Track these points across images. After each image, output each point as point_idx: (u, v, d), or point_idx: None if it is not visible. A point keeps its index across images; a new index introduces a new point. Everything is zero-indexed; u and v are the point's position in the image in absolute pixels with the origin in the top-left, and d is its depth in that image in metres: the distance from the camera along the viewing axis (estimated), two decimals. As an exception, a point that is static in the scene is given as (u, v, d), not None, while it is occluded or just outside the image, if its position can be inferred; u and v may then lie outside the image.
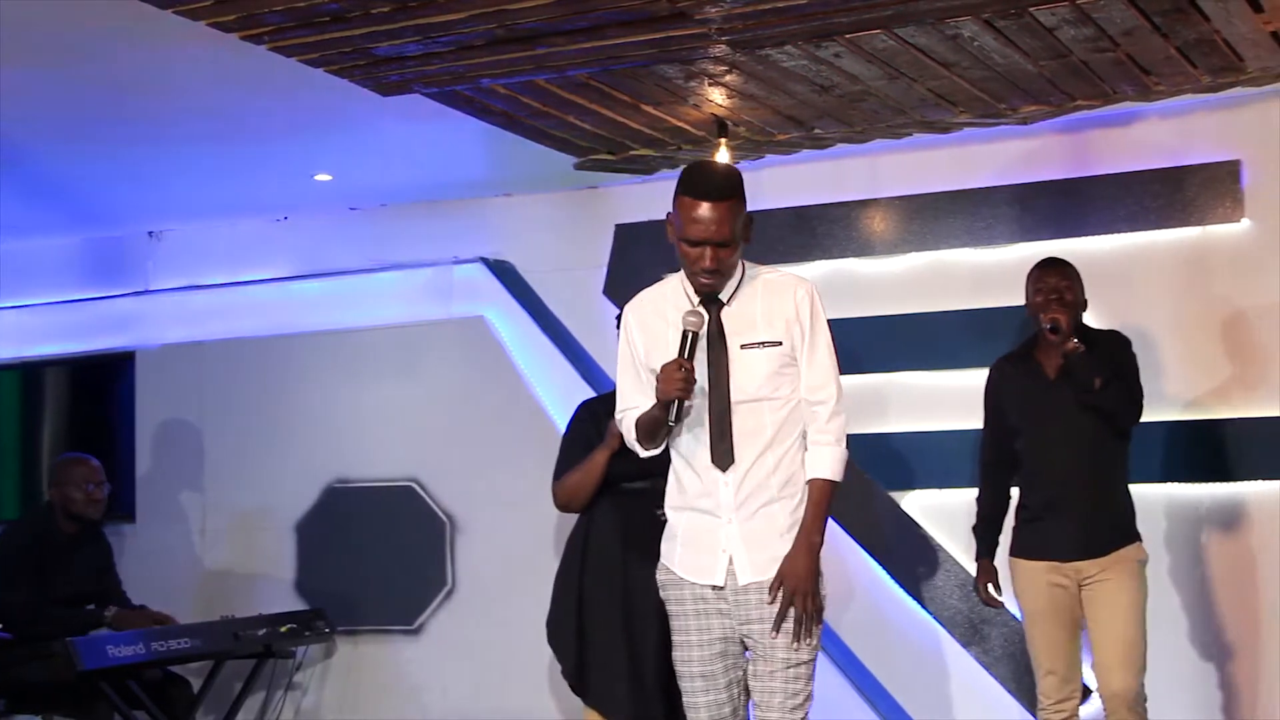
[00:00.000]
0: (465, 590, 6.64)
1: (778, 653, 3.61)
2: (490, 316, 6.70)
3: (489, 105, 5.36)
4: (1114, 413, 4.68)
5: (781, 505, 3.64)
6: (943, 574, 5.88)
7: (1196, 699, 5.47)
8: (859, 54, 4.84)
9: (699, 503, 3.68)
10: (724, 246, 3.58)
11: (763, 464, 3.63)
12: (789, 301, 3.68)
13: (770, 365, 3.64)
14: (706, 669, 3.70)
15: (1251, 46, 4.87)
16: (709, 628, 3.69)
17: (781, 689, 3.61)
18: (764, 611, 3.63)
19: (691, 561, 3.69)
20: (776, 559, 3.62)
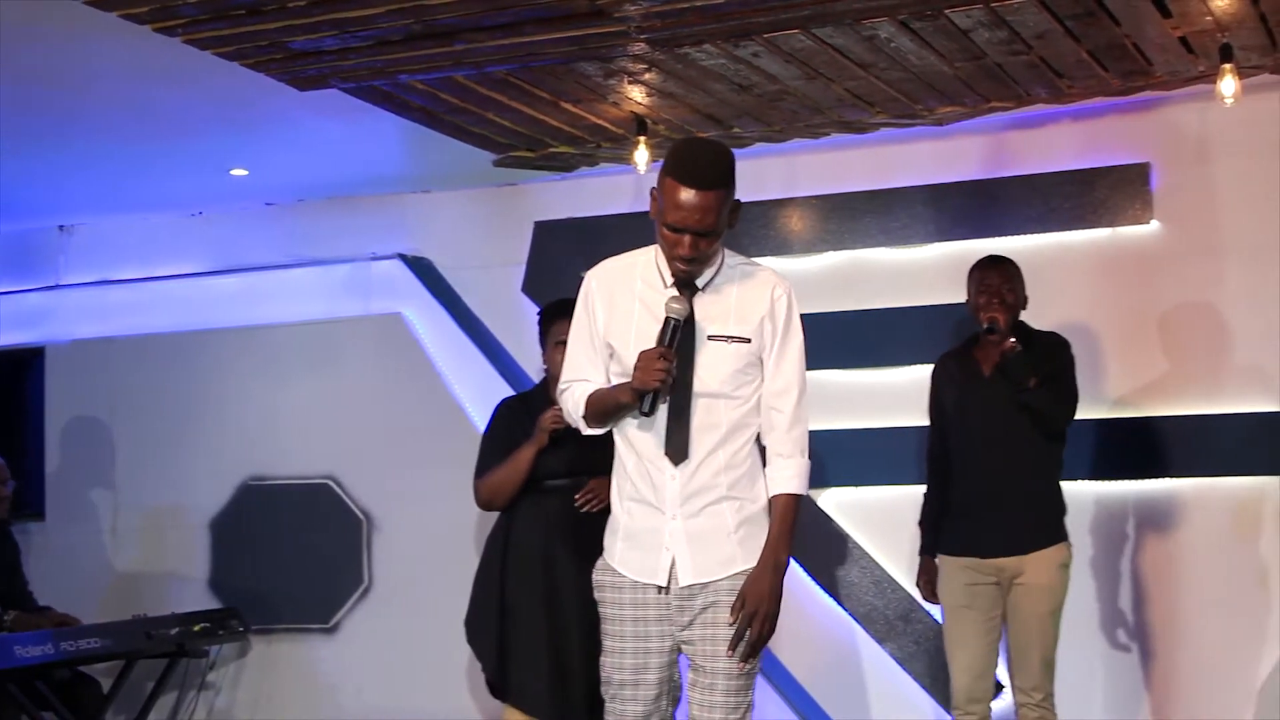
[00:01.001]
0: (382, 589, 6.60)
1: (720, 663, 3.48)
2: (408, 314, 6.66)
3: (407, 101, 5.33)
4: (1046, 413, 4.72)
5: (730, 505, 3.50)
6: (858, 571, 5.92)
7: (1119, 694, 5.56)
8: (777, 54, 4.87)
9: (644, 495, 3.52)
10: (706, 236, 3.39)
11: (713, 460, 3.48)
12: (765, 299, 3.53)
13: (736, 362, 3.49)
14: (639, 677, 3.56)
15: (1160, 51, 4.96)
16: (647, 635, 3.54)
17: (723, 702, 3.48)
18: (707, 618, 3.49)
19: (634, 559, 3.55)
20: (721, 561, 3.49)
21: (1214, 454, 5.45)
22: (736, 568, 3.50)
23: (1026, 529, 4.73)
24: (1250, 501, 5.43)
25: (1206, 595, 5.46)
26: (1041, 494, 4.79)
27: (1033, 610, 4.70)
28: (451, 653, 5.63)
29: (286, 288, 6.89)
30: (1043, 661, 4.70)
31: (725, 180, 3.40)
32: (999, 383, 4.77)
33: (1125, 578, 5.59)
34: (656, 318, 3.45)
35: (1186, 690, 5.47)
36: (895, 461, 5.77)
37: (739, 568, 3.50)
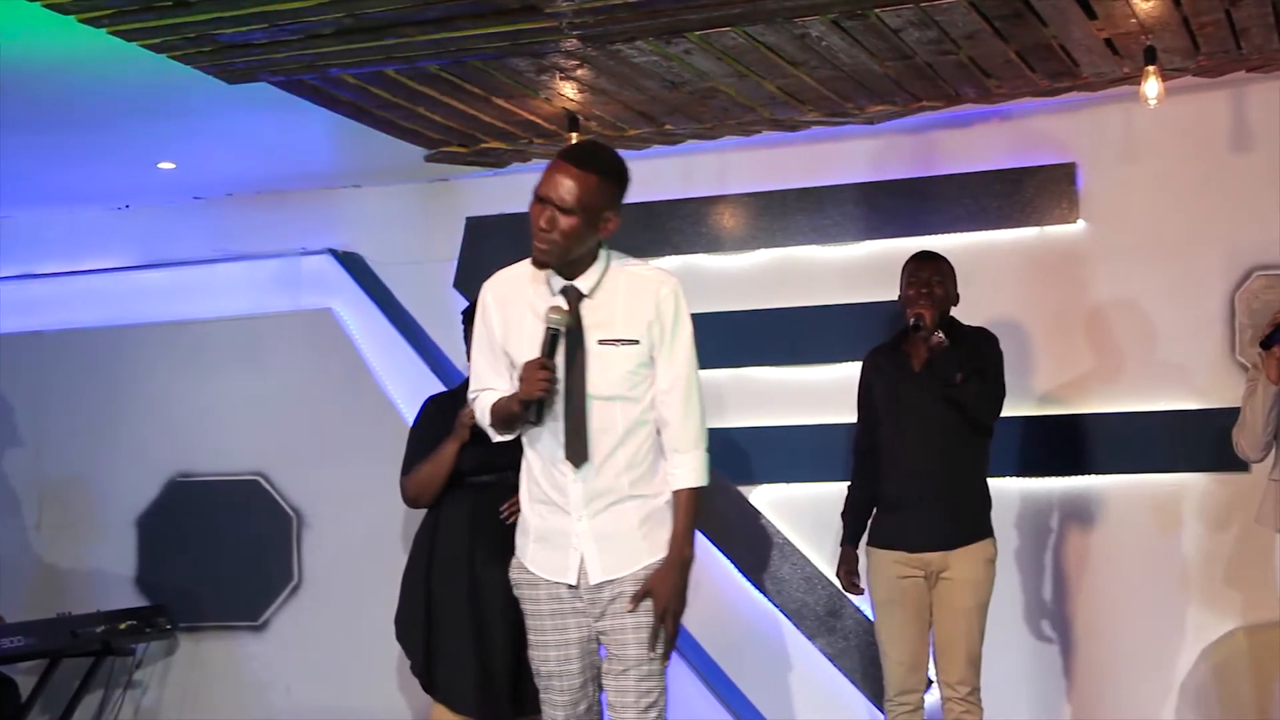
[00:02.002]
0: (312, 585, 6.56)
1: (629, 651, 3.60)
2: (338, 309, 6.63)
3: (337, 95, 5.30)
4: (972, 408, 4.75)
5: (633, 504, 3.60)
6: (789, 567, 5.96)
7: (1042, 687, 5.62)
8: (709, 51, 4.88)
9: (551, 497, 3.62)
10: (563, 212, 3.45)
11: (614, 462, 3.58)
12: (651, 300, 3.59)
13: (627, 364, 3.56)
14: (563, 668, 3.67)
15: (1086, 52, 5.01)
16: (565, 627, 3.65)
17: (635, 688, 3.59)
18: (615, 609, 3.60)
19: (544, 559, 3.64)
20: (628, 557, 3.59)
21: (1137, 451, 5.53)
22: (643, 563, 3.61)
23: (953, 524, 4.77)
24: (1171, 498, 5.51)
25: (1128, 591, 5.53)
26: (968, 489, 4.83)
27: (958, 605, 4.74)
28: (382, 650, 5.61)
29: (215, 282, 6.83)
30: (968, 656, 4.74)
31: (598, 168, 3.50)
32: (928, 378, 4.80)
33: (1049, 573, 5.66)
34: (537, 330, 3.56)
35: (1109, 684, 5.55)
36: (826, 458, 5.80)
37: (645, 562, 3.61)
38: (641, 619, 3.59)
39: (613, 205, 3.55)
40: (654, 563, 3.61)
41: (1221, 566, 5.42)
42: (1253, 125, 5.47)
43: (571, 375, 3.55)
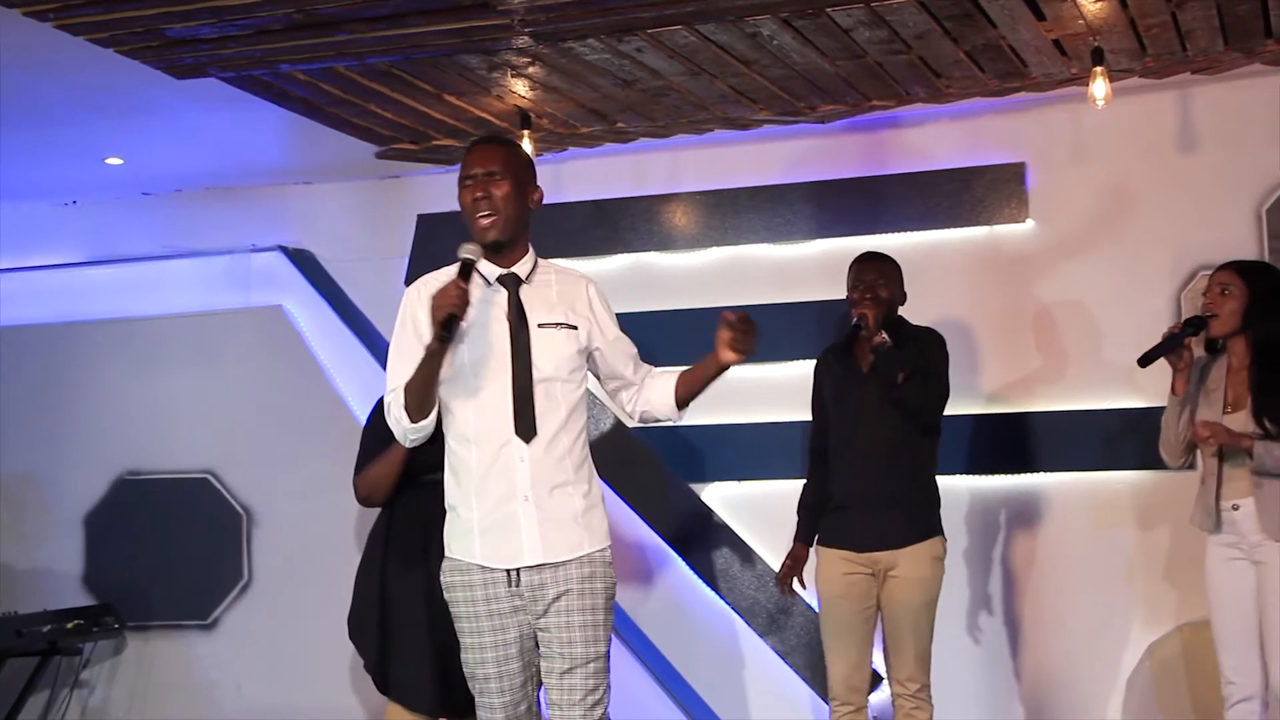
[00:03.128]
0: (262, 584, 6.53)
1: (576, 650, 3.60)
2: (289, 306, 6.60)
3: (288, 91, 5.27)
4: (914, 407, 4.78)
5: (575, 489, 3.66)
6: (741, 565, 5.97)
7: (991, 684, 5.66)
8: (661, 49, 4.89)
9: (493, 482, 3.62)
10: (494, 177, 3.64)
11: (558, 444, 3.65)
12: (581, 293, 3.78)
13: (567, 346, 3.69)
14: (504, 669, 3.66)
15: (1035, 53, 5.05)
16: (505, 627, 3.65)
17: (582, 685, 3.60)
18: (560, 606, 3.61)
19: (493, 548, 3.63)
20: (570, 544, 3.62)
21: (1084, 449, 5.58)
22: (584, 550, 3.66)
23: (901, 523, 4.79)
24: (1118, 496, 5.56)
25: (1076, 588, 5.58)
26: (917, 488, 4.86)
27: (907, 603, 4.76)
28: (333, 649, 5.59)
29: (164, 279, 6.78)
30: (918, 653, 4.77)
31: (513, 143, 3.84)
32: (876, 379, 4.83)
33: (998, 571, 5.70)
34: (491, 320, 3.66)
35: (1057, 679, 5.59)
36: (778, 456, 5.82)
37: (585, 550, 3.66)
38: (588, 617, 3.60)
39: (534, 178, 3.76)
40: (594, 552, 3.66)
41: (1168, 564, 5.47)
42: (1198, 126, 5.53)
43: (517, 355, 3.64)
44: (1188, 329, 4.60)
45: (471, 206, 3.65)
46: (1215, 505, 4.57)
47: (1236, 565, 4.56)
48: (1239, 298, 4.59)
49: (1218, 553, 4.60)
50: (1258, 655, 4.54)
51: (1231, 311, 4.58)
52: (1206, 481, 4.62)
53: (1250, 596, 4.53)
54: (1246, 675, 4.54)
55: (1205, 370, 4.69)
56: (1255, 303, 4.57)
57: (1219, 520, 4.57)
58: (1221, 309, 4.59)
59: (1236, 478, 4.54)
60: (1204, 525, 4.62)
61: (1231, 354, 4.66)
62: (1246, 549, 4.53)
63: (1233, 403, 4.60)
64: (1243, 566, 4.55)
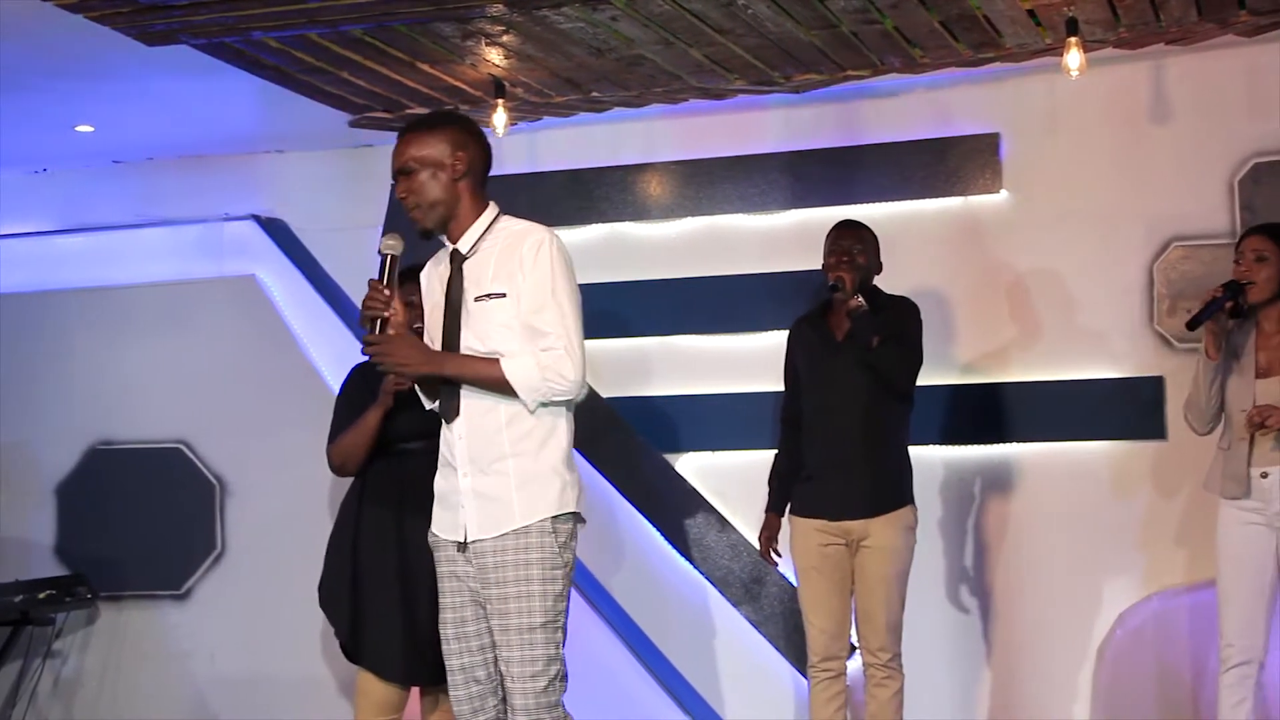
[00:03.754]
0: (235, 554, 6.51)
1: (510, 619, 3.61)
2: (262, 275, 6.56)
3: (260, 59, 5.23)
4: (887, 372, 4.79)
5: (516, 462, 3.64)
6: (715, 534, 5.99)
7: (963, 652, 5.70)
8: (635, 18, 4.86)
9: (446, 456, 3.73)
10: (403, 174, 3.71)
11: (493, 418, 3.64)
12: (518, 252, 3.66)
13: (499, 316, 3.65)
14: (459, 630, 3.74)
15: (1010, 23, 5.05)
16: (459, 590, 3.73)
17: (518, 656, 3.60)
18: (494, 578, 3.63)
19: (440, 518, 3.76)
20: (503, 518, 3.62)
21: (1057, 419, 5.60)
22: (514, 525, 3.64)
23: (873, 493, 4.81)
24: (1090, 466, 5.58)
25: (1048, 557, 5.61)
26: (889, 458, 4.88)
27: (879, 572, 4.79)
28: (306, 618, 5.58)
29: (136, 248, 6.73)
30: (889, 623, 4.79)
31: (423, 127, 3.74)
32: (850, 348, 4.84)
33: (971, 540, 5.72)
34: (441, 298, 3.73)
35: (1028, 648, 5.63)
36: (752, 426, 5.83)
37: (517, 524, 3.64)
38: (521, 587, 3.60)
39: (457, 147, 3.70)
40: (530, 524, 3.63)
41: (1138, 532, 5.51)
42: (1171, 97, 5.54)
43: (448, 332, 3.68)
44: (1228, 294, 4.60)
45: (403, 205, 3.75)
46: (1245, 471, 4.58)
47: (1255, 531, 4.59)
48: (1275, 263, 4.59)
49: (1235, 516, 4.62)
50: (1263, 621, 4.57)
51: (1268, 278, 4.60)
52: (1234, 448, 4.63)
53: (1267, 563, 4.57)
54: (1249, 639, 4.57)
55: (1232, 337, 4.69)
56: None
57: (1249, 486, 4.58)
58: (1258, 275, 4.60)
59: (1267, 445, 4.57)
60: (1232, 492, 4.62)
61: (1265, 319, 4.66)
62: (1269, 516, 4.56)
63: (1265, 368, 4.61)
64: (1263, 533, 4.58)
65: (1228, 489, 4.63)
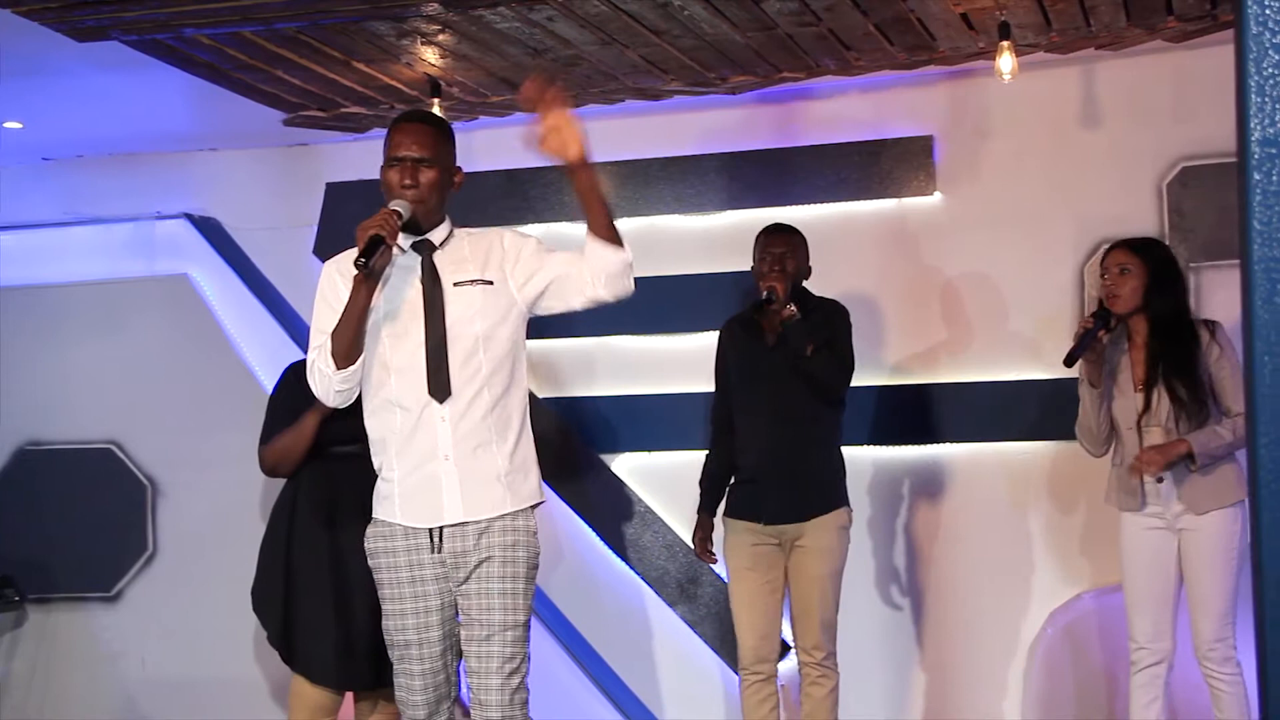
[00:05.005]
0: (167, 555, 6.45)
1: (494, 616, 3.62)
2: (195, 274, 6.50)
3: (193, 56, 5.18)
4: (822, 379, 4.82)
5: (499, 448, 3.67)
6: (650, 535, 6.00)
7: (896, 651, 5.74)
8: (572, 18, 4.86)
9: (416, 444, 3.65)
10: (424, 164, 3.68)
11: (480, 402, 3.65)
12: (495, 244, 3.78)
13: (483, 300, 3.69)
14: (424, 636, 3.69)
15: (943, 27, 5.09)
16: (425, 594, 3.67)
17: (500, 653, 3.61)
18: (480, 573, 3.63)
19: (415, 508, 3.66)
20: (490, 502, 3.64)
21: (987, 420, 5.65)
22: (505, 509, 3.67)
23: (808, 495, 4.85)
24: (1020, 466, 5.64)
25: (979, 555, 5.66)
26: (823, 460, 4.91)
27: (813, 572, 4.81)
28: (239, 620, 5.54)
29: (66, 246, 6.65)
30: (824, 622, 4.82)
31: (440, 125, 3.81)
32: (782, 351, 4.86)
33: (902, 540, 5.77)
34: (406, 285, 3.69)
35: (960, 647, 5.68)
36: (687, 427, 5.84)
37: (508, 509, 3.67)
38: (509, 584, 3.62)
39: (455, 159, 3.80)
40: (517, 514, 3.67)
41: (1067, 532, 5.57)
42: (1102, 101, 5.60)
43: (430, 316, 3.66)
44: (1099, 322, 4.67)
45: (398, 190, 3.68)
46: (1139, 484, 4.65)
47: (1157, 535, 4.65)
48: (1138, 275, 4.67)
49: (1136, 522, 4.69)
50: (1170, 622, 4.65)
51: (1133, 290, 4.67)
52: (1127, 463, 4.69)
53: (1169, 565, 4.64)
54: (1157, 641, 4.65)
55: (1108, 356, 4.77)
56: (1153, 279, 4.66)
57: (1143, 497, 4.65)
58: (1122, 289, 4.67)
59: None
60: (1127, 505, 4.69)
61: (1134, 332, 4.74)
62: (1170, 519, 4.62)
63: (1142, 382, 4.68)
64: (1164, 536, 4.64)
65: (1124, 503, 4.71)
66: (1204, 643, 4.55)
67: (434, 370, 3.63)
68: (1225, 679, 4.52)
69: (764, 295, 4.80)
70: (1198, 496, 4.56)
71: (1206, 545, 4.55)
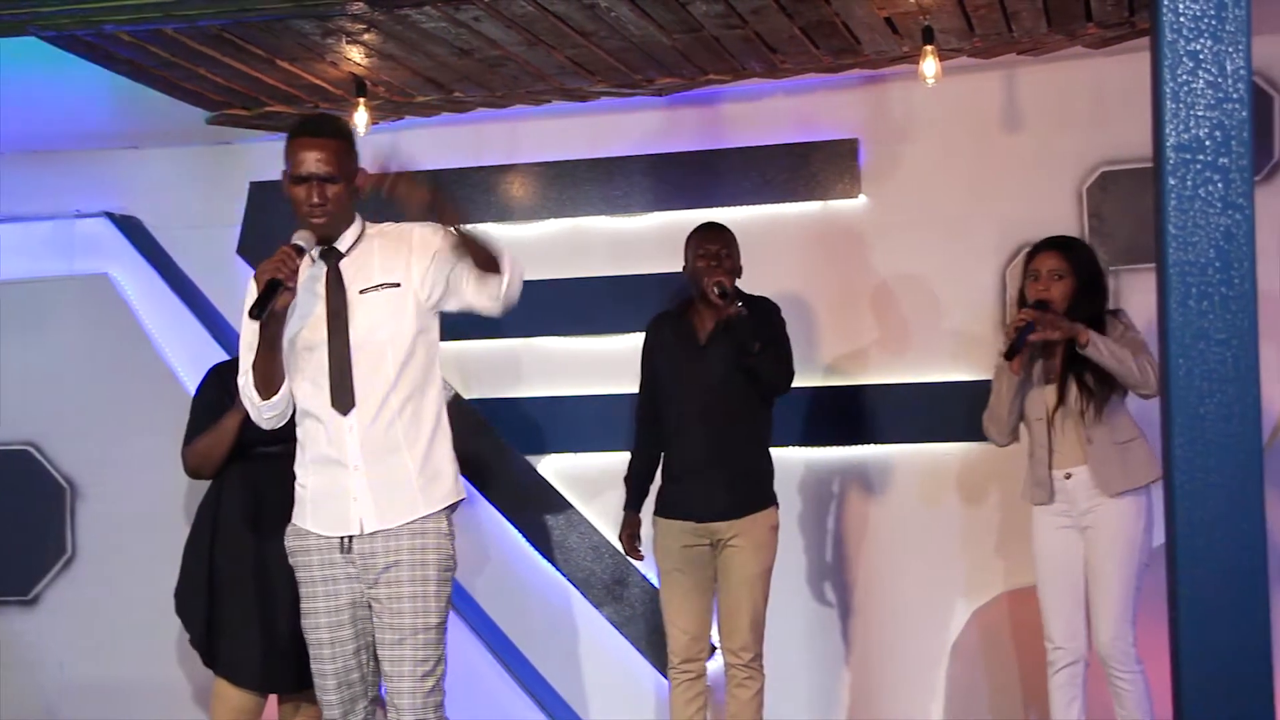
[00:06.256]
0: (86, 558, 6.36)
1: (405, 620, 3.62)
2: (116, 274, 6.41)
3: (113, 53, 5.12)
4: (770, 378, 4.83)
5: (410, 453, 3.66)
6: (577, 536, 5.99)
7: (823, 651, 5.77)
8: (498, 19, 4.86)
9: (327, 453, 3.67)
10: (330, 182, 3.63)
11: (387, 409, 3.64)
12: (405, 243, 3.74)
13: (390, 306, 3.67)
14: (334, 635, 3.70)
15: (868, 30, 5.13)
16: (336, 593, 3.69)
17: (411, 656, 3.62)
18: (389, 577, 3.63)
19: (324, 515, 3.68)
20: (404, 507, 3.64)
21: (913, 421, 5.69)
22: (416, 514, 3.67)
23: (741, 493, 4.86)
24: (946, 467, 5.69)
25: (906, 555, 5.70)
26: (753, 459, 4.92)
27: (742, 572, 4.82)
28: (160, 623, 5.47)
29: (-17, 245, 6.55)
30: (752, 623, 4.83)
31: (340, 135, 3.71)
32: (716, 349, 4.87)
33: (831, 540, 5.80)
34: (315, 295, 3.67)
35: (886, 647, 5.72)
36: (614, 428, 5.83)
37: (419, 514, 3.67)
38: (418, 587, 3.62)
39: (358, 163, 3.74)
40: (428, 518, 3.68)
41: (994, 532, 5.62)
42: (1023, 106, 5.67)
43: (335, 327, 3.64)
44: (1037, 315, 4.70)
45: (305, 206, 3.65)
46: (1048, 476, 4.70)
47: (1065, 534, 4.70)
48: (1069, 281, 4.71)
49: (1046, 522, 4.74)
50: (1083, 621, 4.71)
51: (1064, 294, 4.70)
52: (1037, 454, 4.75)
53: (1077, 564, 4.69)
54: (1072, 641, 4.70)
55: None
56: (1082, 283, 4.70)
57: (1052, 490, 4.71)
58: (1055, 293, 4.70)
59: (1067, 447, 4.69)
60: (1038, 498, 4.74)
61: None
62: (1075, 517, 4.68)
63: (1058, 375, 4.74)
64: (1071, 535, 4.70)
65: (1035, 495, 4.77)
66: (1105, 641, 4.61)
67: (336, 383, 3.63)
68: (1126, 677, 4.58)
69: (715, 292, 4.76)
70: (1111, 476, 4.59)
71: (1107, 543, 4.61)
